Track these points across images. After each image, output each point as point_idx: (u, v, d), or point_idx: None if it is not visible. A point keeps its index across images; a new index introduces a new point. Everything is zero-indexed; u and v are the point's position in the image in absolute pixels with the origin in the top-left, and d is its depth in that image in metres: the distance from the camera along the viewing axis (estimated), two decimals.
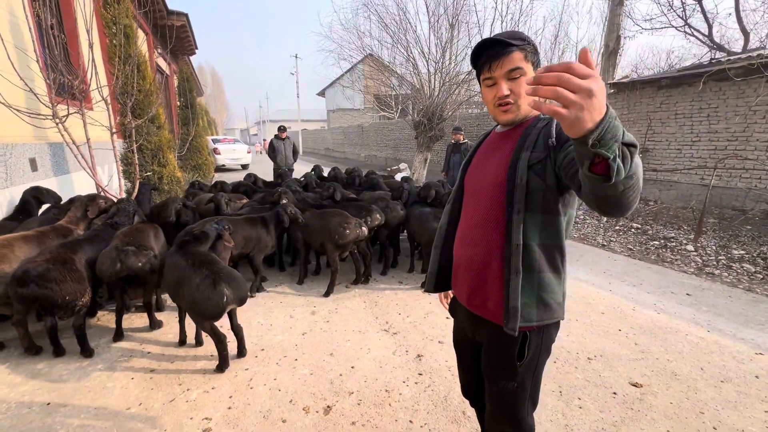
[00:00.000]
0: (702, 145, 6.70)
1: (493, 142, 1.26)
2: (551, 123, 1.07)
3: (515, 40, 1.09)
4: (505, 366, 1.18)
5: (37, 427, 1.90)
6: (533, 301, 1.10)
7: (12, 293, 2.19)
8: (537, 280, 1.10)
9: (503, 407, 1.23)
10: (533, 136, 1.09)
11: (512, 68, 1.08)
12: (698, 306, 3.28)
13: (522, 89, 1.09)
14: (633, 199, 0.78)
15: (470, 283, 1.22)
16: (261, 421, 1.96)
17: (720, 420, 1.97)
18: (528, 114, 1.16)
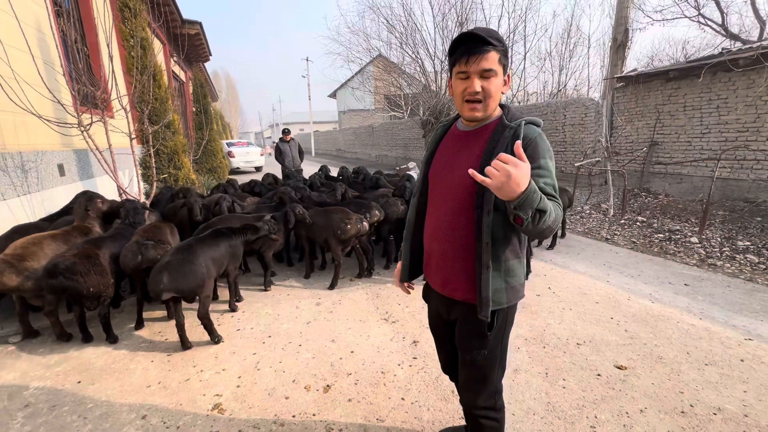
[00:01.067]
0: (712, 137, 6.62)
1: (458, 139, 1.32)
2: (518, 134, 1.15)
3: (493, 40, 1.13)
4: (477, 337, 1.32)
5: (70, 401, 2.15)
6: (503, 287, 1.25)
7: (44, 284, 2.45)
8: (504, 268, 1.24)
9: (476, 373, 1.38)
10: (502, 144, 1.16)
11: (487, 68, 1.13)
12: (694, 295, 3.33)
13: (492, 89, 1.16)
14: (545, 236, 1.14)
15: (443, 273, 1.34)
16: (266, 398, 2.16)
17: (698, 399, 2.06)
18: (492, 113, 1.24)
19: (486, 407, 1.41)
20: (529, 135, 1.16)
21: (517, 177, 0.95)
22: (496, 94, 1.18)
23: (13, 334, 2.86)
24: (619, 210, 6.34)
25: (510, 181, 0.95)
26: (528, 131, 1.16)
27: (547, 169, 1.15)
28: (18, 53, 3.61)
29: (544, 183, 1.12)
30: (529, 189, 0.97)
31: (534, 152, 1.14)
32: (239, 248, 3.09)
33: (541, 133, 1.18)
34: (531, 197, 0.98)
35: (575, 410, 2.01)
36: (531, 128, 1.18)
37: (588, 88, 17.49)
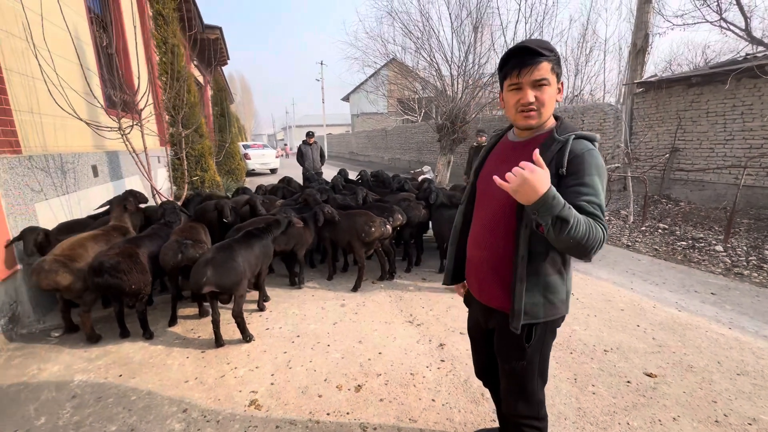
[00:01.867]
0: (736, 143, 6.51)
1: (507, 150, 1.34)
2: (564, 149, 1.16)
3: (545, 50, 1.15)
4: (515, 348, 1.33)
5: (114, 393, 2.24)
6: (540, 302, 1.24)
7: (89, 281, 2.57)
8: (543, 283, 1.24)
9: (515, 383, 1.39)
10: (546, 159, 1.15)
11: (540, 78, 1.15)
12: (722, 305, 3.29)
13: (546, 98, 1.17)
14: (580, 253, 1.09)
15: (481, 281, 1.38)
16: (300, 396, 2.22)
17: (732, 408, 2.06)
18: (545, 123, 1.25)
19: (529, 416, 1.40)
20: (577, 150, 1.16)
21: (533, 181, 0.98)
22: (550, 102, 1.19)
23: (54, 328, 2.98)
24: (639, 217, 6.28)
25: (526, 185, 0.99)
26: (577, 146, 1.16)
27: (592, 187, 1.12)
28: (62, 61, 3.79)
29: (585, 201, 1.10)
30: (548, 195, 0.99)
31: (579, 168, 1.13)
32: (270, 248, 3.18)
33: (591, 149, 1.16)
34: (549, 203, 0.99)
35: (607, 416, 2.02)
36: (581, 143, 1.17)
37: (604, 93, 17.34)
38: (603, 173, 1.15)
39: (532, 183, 0.98)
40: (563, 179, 1.15)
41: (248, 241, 2.91)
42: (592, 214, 1.09)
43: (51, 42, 3.50)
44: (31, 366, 2.53)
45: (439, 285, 3.85)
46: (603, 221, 1.10)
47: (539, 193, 0.99)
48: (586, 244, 1.05)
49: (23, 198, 3.14)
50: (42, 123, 3.54)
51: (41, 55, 3.22)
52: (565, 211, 1.01)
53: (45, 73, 3.16)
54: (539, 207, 1.01)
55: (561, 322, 1.35)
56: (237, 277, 2.60)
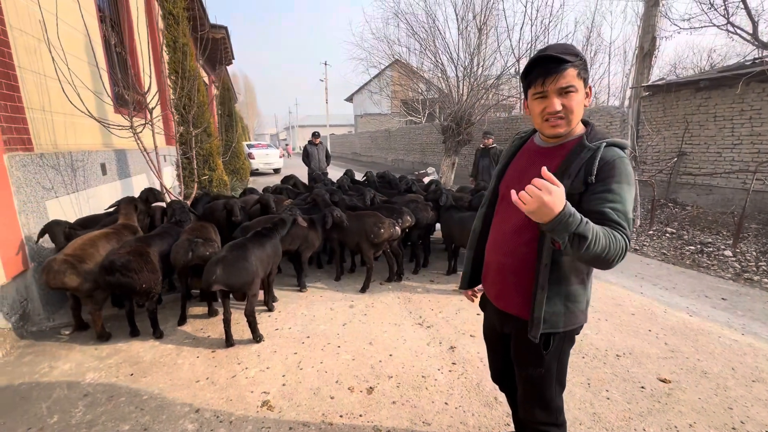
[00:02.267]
0: (744, 148, 6.48)
1: (533, 154, 1.31)
2: (594, 156, 1.13)
3: (569, 56, 1.12)
4: (533, 355, 1.31)
5: (125, 392, 2.24)
6: (561, 311, 1.22)
7: (101, 280, 2.56)
8: (564, 292, 1.22)
9: (533, 389, 1.37)
10: (575, 166, 1.14)
11: (566, 85, 1.12)
12: (733, 310, 3.27)
13: (574, 105, 1.14)
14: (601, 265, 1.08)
15: (499, 286, 1.35)
16: (312, 397, 2.21)
17: (749, 416, 2.04)
18: (574, 130, 1.21)
19: (547, 423, 1.39)
20: (607, 157, 1.13)
21: (551, 203, 0.95)
22: (578, 109, 1.17)
23: (64, 326, 2.98)
24: (647, 220, 6.25)
25: (543, 207, 0.96)
26: (607, 153, 1.14)
27: (619, 194, 1.09)
28: (73, 59, 3.80)
29: (610, 207, 1.08)
30: (564, 213, 0.96)
31: (608, 174, 1.11)
32: (279, 247, 3.18)
33: (623, 157, 1.14)
34: (566, 221, 0.97)
35: (622, 422, 2.00)
36: (612, 150, 1.15)
37: (608, 96, 17.30)
38: (632, 182, 1.12)
39: (550, 204, 0.95)
40: (591, 186, 1.13)
41: (260, 241, 2.90)
42: (615, 222, 1.06)
43: (63, 40, 3.51)
44: (42, 364, 2.53)
45: (448, 287, 3.84)
46: (626, 230, 1.07)
47: (555, 212, 0.96)
48: (606, 257, 1.03)
49: (35, 195, 3.15)
50: (53, 121, 3.55)
51: (56, 53, 3.23)
52: (582, 227, 0.98)
53: (59, 70, 3.16)
54: (555, 226, 0.98)
55: (580, 330, 1.33)
56: (249, 276, 2.60)
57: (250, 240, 2.87)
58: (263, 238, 2.97)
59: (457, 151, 10.30)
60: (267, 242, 2.96)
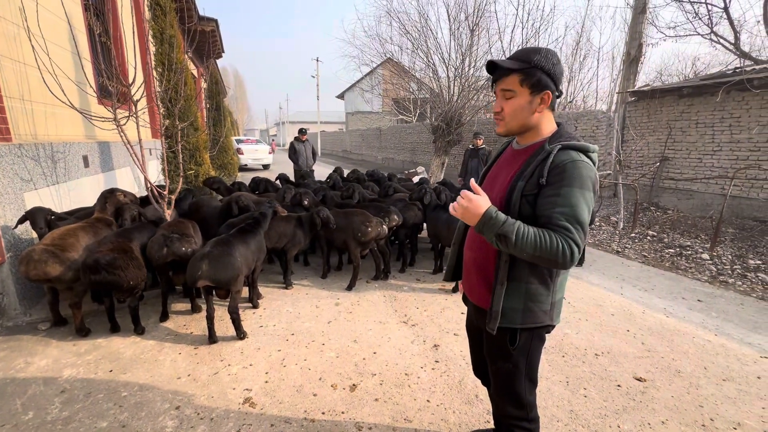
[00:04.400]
0: (723, 154, 6.68)
1: (507, 157, 1.38)
2: (547, 160, 1.17)
3: (518, 63, 1.19)
4: (500, 349, 1.36)
5: (104, 389, 2.20)
6: (519, 307, 1.26)
7: (85, 279, 2.50)
8: (524, 289, 1.25)
9: (502, 384, 1.42)
10: (532, 167, 1.20)
11: (505, 89, 1.23)
12: (708, 312, 3.38)
13: (509, 108, 1.24)
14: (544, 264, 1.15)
15: (471, 281, 1.42)
16: (295, 394, 2.21)
17: (718, 413, 2.11)
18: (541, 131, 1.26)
19: (518, 417, 1.43)
20: (560, 161, 1.15)
21: (471, 208, 1.15)
22: (515, 113, 1.24)
23: (42, 321, 2.91)
24: (629, 223, 6.40)
25: (467, 212, 1.16)
26: (560, 156, 1.16)
27: (566, 197, 1.12)
28: (55, 48, 3.69)
29: (557, 212, 1.12)
30: (485, 216, 1.14)
31: (558, 178, 1.14)
32: (263, 243, 3.15)
33: (575, 160, 1.14)
34: (489, 223, 1.13)
35: (598, 419, 2.06)
36: (566, 153, 1.16)
37: (596, 101, 17.59)
38: (586, 184, 1.13)
39: (471, 210, 1.15)
40: (542, 189, 1.17)
41: (243, 237, 2.88)
42: (559, 226, 1.11)
43: (44, 28, 3.41)
44: (17, 360, 2.47)
45: (434, 286, 3.87)
46: (572, 234, 1.09)
47: (478, 216, 1.14)
48: (541, 257, 1.10)
49: (12, 187, 3.06)
50: (33, 111, 3.45)
51: (36, 40, 3.13)
52: (505, 227, 1.11)
53: (39, 59, 3.07)
54: (481, 227, 1.15)
55: (550, 329, 1.37)
56: (234, 272, 2.58)
57: (234, 236, 2.84)
58: (246, 234, 2.95)
59: (447, 151, 10.36)
60: (250, 238, 2.94)
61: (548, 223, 1.13)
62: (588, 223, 1.15)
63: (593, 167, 1.18)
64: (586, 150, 1.20)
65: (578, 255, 1.10)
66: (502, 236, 1.11)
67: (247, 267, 2.81)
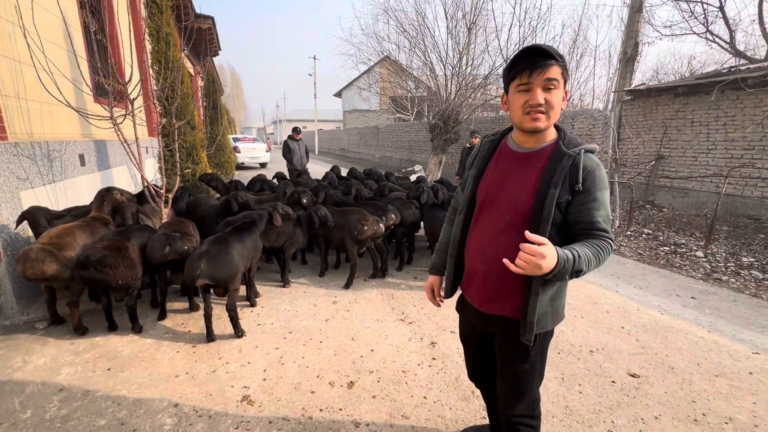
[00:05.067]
0: (718, 153, 6.73)
1: (512, 160, 1.29)
2: (577, 164, 1.16)
3: (556, 54, 1.14)
4: (519, 351, 1.33)
5: (102, 387, 2.21)
6: (548, 311, 1.27)
7: (76, 275, 2.51)
8: (551, 293, 1.26)
9: (516, 384, 1.39)
10: (560, 174, 1.17)
11: (551, 78, 1.13)
12: (702, 309, 3.42)
13: (555, 100, 1.16)
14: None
15: (486, 292, 1.35)
16: (293, 391, 2.23)
17: (710, 408, 2.15)
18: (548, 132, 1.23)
19: (525, 415, 1.43)
20: (588, 166, 1.18)
21: (546, 266, 1.03)
22: (558, 105, 1.18)
23: (39, 320, 2.91)
24: (625, 221, 6.44)
25: (539, 270, 1.04)
26: (587, 162, 1.18)
27: (602, 201, 1.18)
28: (50, 46, 3.67)
29: (597, 216, 1.17)
30: (558, 265, 1.05)
31: (592, 185, 1.18)
32: (259, 241, 3.16)
33: (599, 164, 1.20)
34: (563, 271, 1.07)
35: (592, 414, 2.08)
36: (590, 158, 1.20)
37: (593, 99, 17.66)
38: (607, 186, 1.21)
39: (545, 268, 1.03)
40: (577, 194, 1.18)
41: (239, 235, 2.89)
42: (602, 230, 1.17)
43: (39, 25, 3.40)
44: (14, 358, 2.47)
45: None
46: (610, 234, 1.18)
47: (551, 267, 1.04)
48: (596, 267, 1.15)
49: (8, 186, 3.05)
50: (29, 109, 3.44)
51: (32, 38, 3.12)
52: (577, 264, 1.08)
53: (34, 56, 3.06)
54: (554, 277, 1.08)
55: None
56: (231, 270, 2.59)
57: (230, 234, 2.85)
58: (242, 232, 2.96)
59: (444, 149, 10.37)
60: (247, 236, 2.95)
61: (591, 228, 1.17)
62: None
63: None
64: (595, 151, 1.24)
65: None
66: (577, 272, 1.09)
67: (244, 265, 2.82)
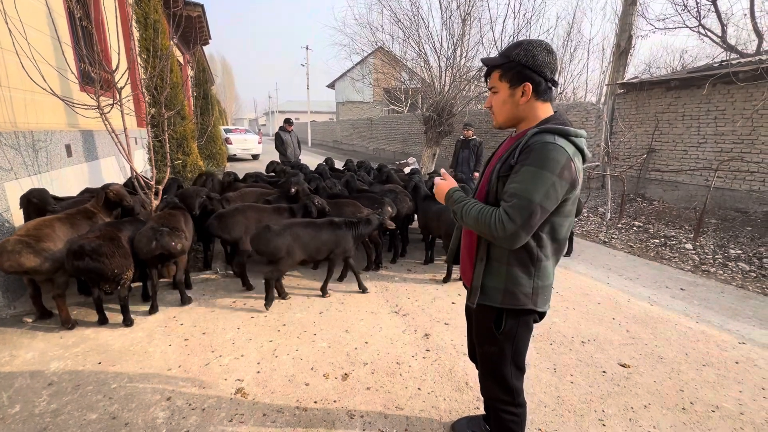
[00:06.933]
0: (708, 146, 6.81)
1: (504, 146, 1.43)
2: (521, 142, 1.23)
3: (501, 59, 1.27)
4: (486, 331, 1.42)
5: (93, 381, 2.18)
6: (500, 287, 1.32)
7: (68, 266, 2.46)
8: (505, 271, 1.31)
9: (488, 366, 1.50)
10: (509, 150, 1.28)
11: (491, 86, 1.34)
12: (690, 300, 3.48)
13: (495, 103, 1.34)
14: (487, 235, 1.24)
15: (464, 262, 1.52)
16: (287, 384, 2.22)
17: (698, 397, 2.19)
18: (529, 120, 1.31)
19: (505, 401, 1.48)
20: (531, 142, 1.19)
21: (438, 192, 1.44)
22: (499, 107, 1.34)
23: (27, 314, 2.86)
24: (616, 214, 6.51)
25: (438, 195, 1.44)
26: (534, 139, 1.19)
27: (522, 175, 1.16)
28: (33, 32, 3.55)
29: (510, 188, 1.19)
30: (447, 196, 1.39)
31: (524, 158, 1.18)
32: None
33: (546, 142, 1.15)
34: (448, 201, 1.38)
35: (584, 404, 2.12)
36: (540, 136, 1.19)
37: (586, 92, 17.71)
38: (548, 165, 1.14)
39: (439, 188, 1.43)
40: (513, 168, 1.23)
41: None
42: (504, 201, 1.20)
43: (21, 11, 3.28)
44: (2, 353, 2.43)
45: (424, 276, 3.90)
46: (510, 207, 1.16)
47: (443, 194, 1.40)
48: (479, 229, 1.24)
49: None
50: (12, 98, 3.33)
51: (12, 23, 3.01)
52: (455, 206, 1.33)
53: (17, 43, 2.95)
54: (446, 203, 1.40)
55: (537, 317, 1.40)
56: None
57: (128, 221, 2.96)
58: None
59: (438, 141, 10.34)
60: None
61: (503, 197, 1.22)
62: (539, 202, 1.14)
63: (566, 152, 1.15)
64: (566, 134, 1.19)
65: (512, 228, 1.14)
66: (454, 212, 1.33)
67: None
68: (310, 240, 3.14)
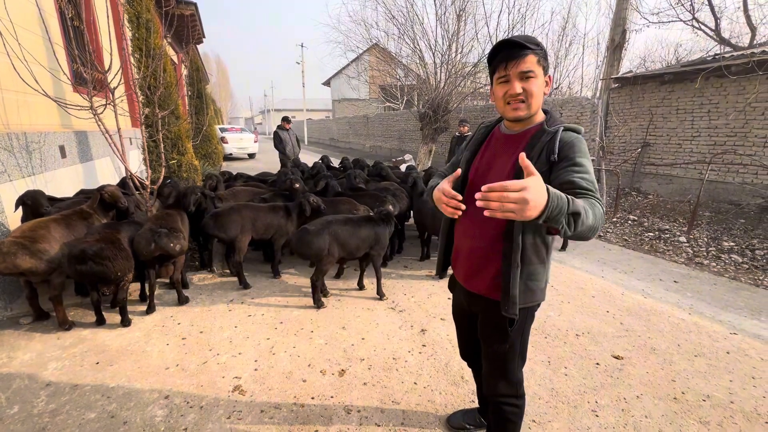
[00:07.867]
0: (702, 140, 6.85)
1: (499, 142, 1.37)
2: (555, 138, 1.20)
3: (531, 44, 1.19)
4: (498, 332, 1.39)
5: (91, 381, 2.19)
6: (522, 288, 1.29)
7: (70, 270, 2.45)
8: (526, 271, 1.28)
9: (498, 364, 1.46)
10: (538, 149, 1.21)
11: (526, 70, 1.19)
12: (683, 292, 3.52)
13: (533, 89, 1.21)
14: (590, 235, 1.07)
15: (469, 269, 1.42)
16: (284, 380, 2.24)
17: (689, 387, 2.23)
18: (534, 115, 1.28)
19: (508, 395, 1.49)
20: (566, 138, 1.21)
21: (534, 197, 0.87)
22: (538, 93, 1.22)
23: (23, 316, 2.86)
24: (611, 208, 6.55)
25: (529, 205, 0.87)
26: (566, 135, 1.22)
27: (584, 166, 1.16)
28: (24, 33, 3.53)
29: (579, 177, 1.12)
30: (551, 199, 0.90)
31: (570, 151, 1.18)
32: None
33: (580, 137, 1.22)
34: (557, 205, 0.92)
35: (577, 395, 2.15)
36: (569, 133, 1.23)
37: (581, 87, 17.74)
38: (588, 156, 1.21)
39: (534, 200, 0.87)
40: (555, 165, 1.19)
41: None
42: (585, 189, 1.10)
43: (12, 11, 3.25)
44: (0, 354, 2.43)
45: (421, 272, 3.92)
46: (597, 194, 1.11)
47: (543, 202, 0.89)
48: (594, 227, 1.03)
49: None
50: (4, 99, 3.31)
51: (3, 24, 2.99)
52: (572, 204, 0.95)
53: (7, 44, 2.94)
54: (550, 214, 0.91)
55: (538, 307, 1.42)
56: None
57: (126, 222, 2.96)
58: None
59: (434, 138, 10.36)
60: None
61: (572, 188, 1.10)
62: None
63: None
64: (580, 132, 1.25)
65: None
66: (574, 214, 0.95)
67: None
68: (349, 237, 3.10)
